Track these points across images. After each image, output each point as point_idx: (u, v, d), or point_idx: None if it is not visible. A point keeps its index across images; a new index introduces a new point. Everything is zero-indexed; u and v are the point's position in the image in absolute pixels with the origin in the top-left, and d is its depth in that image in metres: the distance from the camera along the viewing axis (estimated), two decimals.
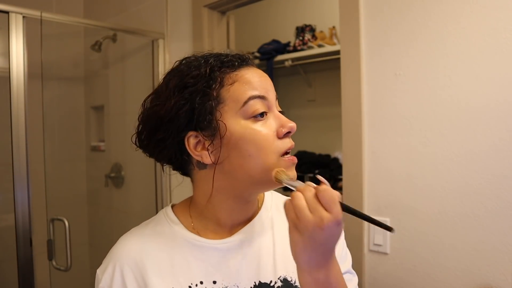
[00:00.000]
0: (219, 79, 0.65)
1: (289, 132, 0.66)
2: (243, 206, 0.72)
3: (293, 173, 0.66)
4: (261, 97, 0.66)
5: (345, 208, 0.55)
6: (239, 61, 0.68)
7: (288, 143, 0.66)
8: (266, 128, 0.65)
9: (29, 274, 1.47)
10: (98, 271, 0.70)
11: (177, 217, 0.73)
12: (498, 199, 1.03)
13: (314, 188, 0.56)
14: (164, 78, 0.69)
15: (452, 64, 1.10)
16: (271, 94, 0.68)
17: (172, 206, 0.76)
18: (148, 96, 0.70)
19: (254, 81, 0.66)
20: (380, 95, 1.24)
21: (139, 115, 0.70)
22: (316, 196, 0.55)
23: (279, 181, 0.63)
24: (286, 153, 0.66)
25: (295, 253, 0.57)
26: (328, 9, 2.76)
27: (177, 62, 0.70)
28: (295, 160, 0.67)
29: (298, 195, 0.56)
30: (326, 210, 0.53)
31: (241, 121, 0.64)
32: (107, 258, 0.71)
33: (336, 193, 0.54)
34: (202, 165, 0.69)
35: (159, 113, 0.66)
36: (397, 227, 1.21)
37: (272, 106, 0.67)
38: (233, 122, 0.64)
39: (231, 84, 0.65)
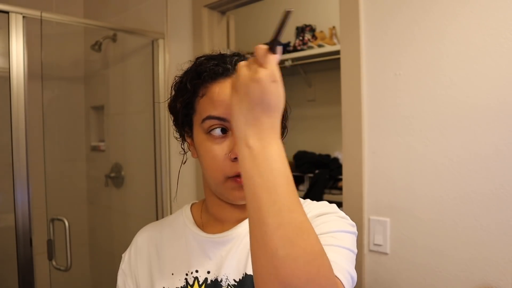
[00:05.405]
0: (193, 89, 0.69)
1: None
2: (231, 205, 0.73)
3: (240, 194, 0.67)
4: (220, 119, 0.65)
5: (275, 42, 0.54)
6: (214, 74, 0.67)
7: (237, 167, 0.64)
8: (219, 148, 0.66)
9: (29, 274, 1.47)
10: (122, 255, 0.82)
11: (192, 213, 0.80)
12: (498, 199, 1.03)
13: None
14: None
15: (452, 64, 1.10)
16: None
17: (192, 204, 0.83)
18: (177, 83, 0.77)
19: (219, 100, 0.65)
20: (380, 95, 1.24)
21: None
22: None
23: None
24: (238, 175, 0.65)
25: (232, 118, 0.53)
26: (328, 9, 2.77)
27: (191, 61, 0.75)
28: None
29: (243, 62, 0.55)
30: (261, 65, 0.52)
31: (201, 134, 0.68)
32: None
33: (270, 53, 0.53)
34: None
35: (170, 104, 0.75)
36: (397, 227, 1.21)
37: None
38: (197, 133, 0.70)
39: (201, 96, 0.68)
